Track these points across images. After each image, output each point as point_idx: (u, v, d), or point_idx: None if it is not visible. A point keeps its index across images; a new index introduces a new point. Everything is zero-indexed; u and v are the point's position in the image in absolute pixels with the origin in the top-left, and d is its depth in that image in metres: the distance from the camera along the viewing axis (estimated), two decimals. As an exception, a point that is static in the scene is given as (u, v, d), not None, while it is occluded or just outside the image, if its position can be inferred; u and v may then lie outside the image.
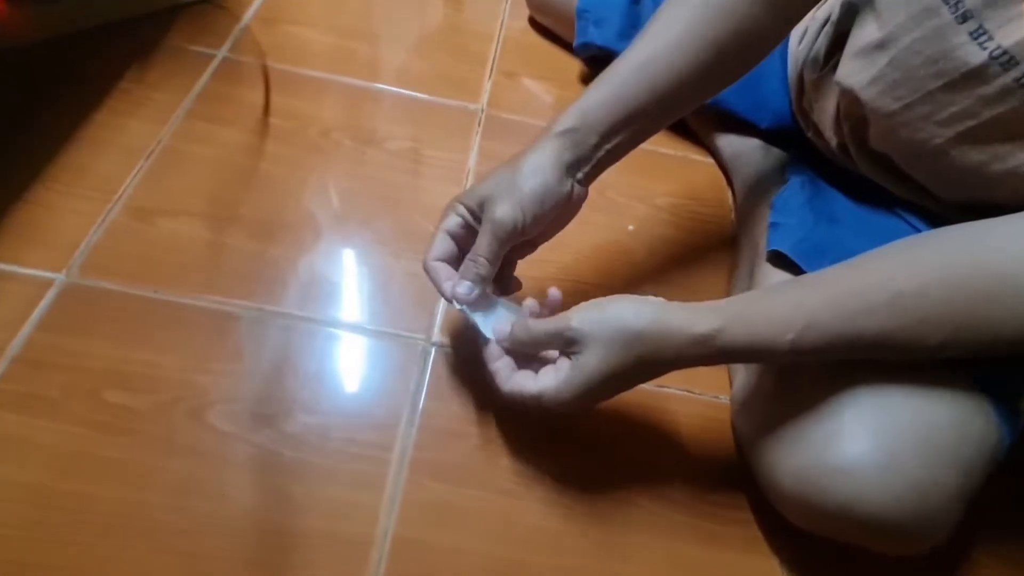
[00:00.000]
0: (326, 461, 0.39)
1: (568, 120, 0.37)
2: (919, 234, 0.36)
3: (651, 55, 0.38)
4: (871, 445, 0.32)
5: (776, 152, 0.57)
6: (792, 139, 0.55)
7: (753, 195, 0.55)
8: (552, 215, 0.38)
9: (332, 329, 0.45)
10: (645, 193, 0.58)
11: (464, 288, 0.37)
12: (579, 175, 0.38)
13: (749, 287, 0.46)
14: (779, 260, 0.43)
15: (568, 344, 0.34)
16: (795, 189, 0.48)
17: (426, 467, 0.40)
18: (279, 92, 0.58)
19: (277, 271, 0.47)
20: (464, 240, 0.39)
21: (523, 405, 0.36)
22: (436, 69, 0.64)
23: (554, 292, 0.39)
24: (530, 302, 0.39)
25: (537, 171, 0.36)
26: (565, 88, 0.66)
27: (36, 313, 0.41)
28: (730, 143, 0.59)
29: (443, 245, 0.39)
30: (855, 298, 0.31)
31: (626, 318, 0.33)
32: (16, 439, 0.37)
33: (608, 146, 0.38)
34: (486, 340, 0.37)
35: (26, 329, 0.41)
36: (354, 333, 0.45)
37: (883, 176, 0.44)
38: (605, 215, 0.55)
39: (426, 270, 0.39)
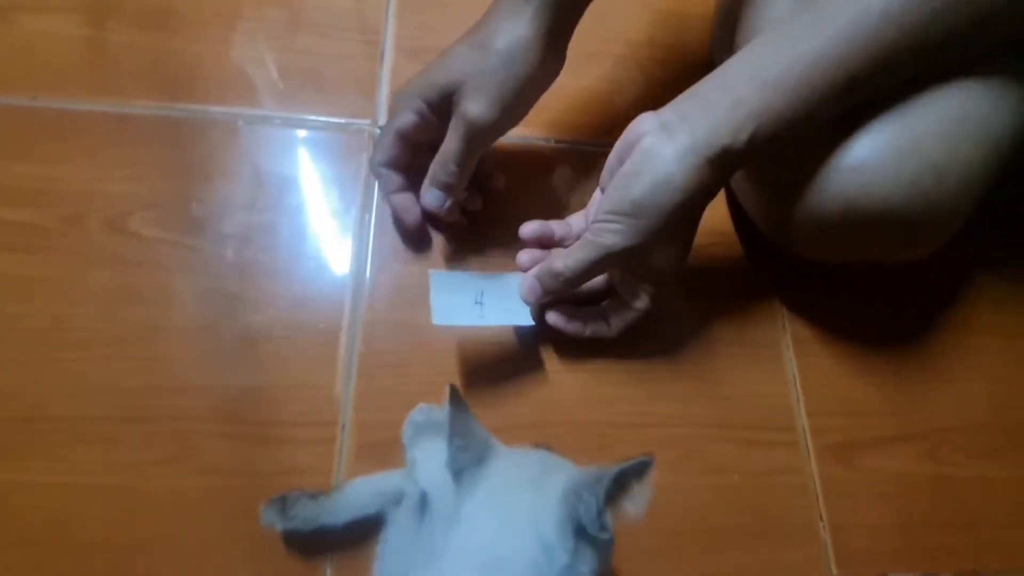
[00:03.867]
0: (278, 257, 0.35)
1: None
2: None
3: None
4: (890, 136, 0.28)
5: None
6: None
7: None
8: (533, 103, 0.31)
9: (261, 126, 0.38)
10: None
11: (434, 197, 0.31)
12: (561, 42, 0.30)
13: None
14: None
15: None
16: None
17: (388, 250, 0.36)
18: None
19: (180, 65, 0.39)
20: (419, 142, 0.32)
21: None
22: None
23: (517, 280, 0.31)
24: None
25: (517, 51, 0.29)
26: None
27: None
28: None
29: (394, 148, 0.32)
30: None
31: (665, 196, 0.26)
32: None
33: None
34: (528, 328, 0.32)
35: None
36: (288, 128, 0.39)
37: None
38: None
39: (375, 175, 0.33)
